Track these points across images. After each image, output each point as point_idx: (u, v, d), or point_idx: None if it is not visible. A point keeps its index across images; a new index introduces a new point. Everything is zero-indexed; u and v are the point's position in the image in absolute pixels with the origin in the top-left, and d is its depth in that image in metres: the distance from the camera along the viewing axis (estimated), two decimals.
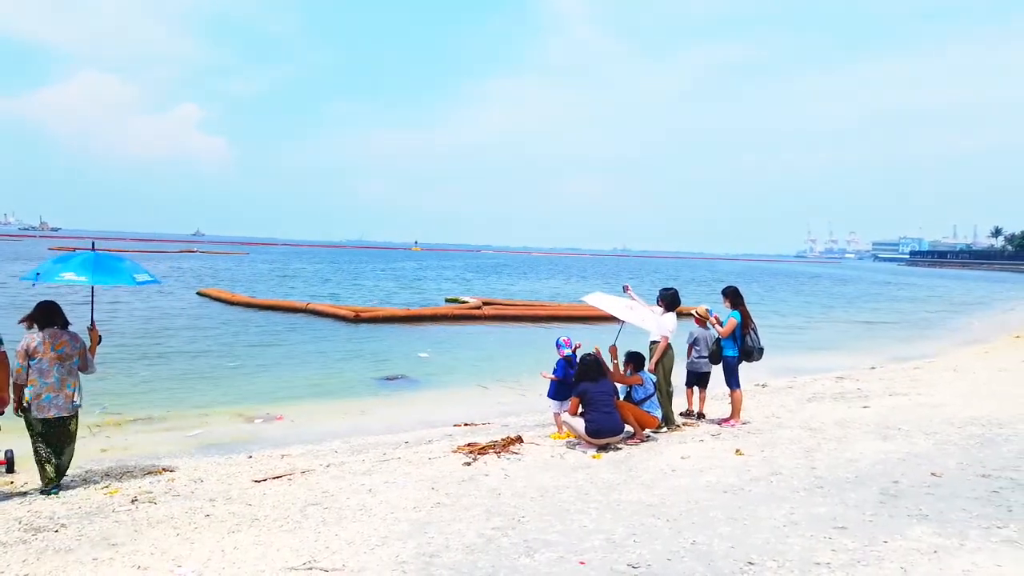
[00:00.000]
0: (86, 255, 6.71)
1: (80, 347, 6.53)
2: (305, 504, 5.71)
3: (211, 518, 5.35)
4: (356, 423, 10.29)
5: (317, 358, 16.64)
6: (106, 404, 10.61)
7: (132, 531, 5.04)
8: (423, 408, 11.38)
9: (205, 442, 9.10)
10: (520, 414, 10.69)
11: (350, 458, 7.60)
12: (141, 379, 13.09)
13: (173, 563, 4.42)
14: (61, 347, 6.37)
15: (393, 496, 5.93)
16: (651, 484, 6.30)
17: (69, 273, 6.41)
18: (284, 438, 9.28)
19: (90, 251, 6.83)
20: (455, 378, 14.38)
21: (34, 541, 4.84)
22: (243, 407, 11.31)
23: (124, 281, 6.74)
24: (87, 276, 6.43)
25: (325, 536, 4.95)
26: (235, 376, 14.27)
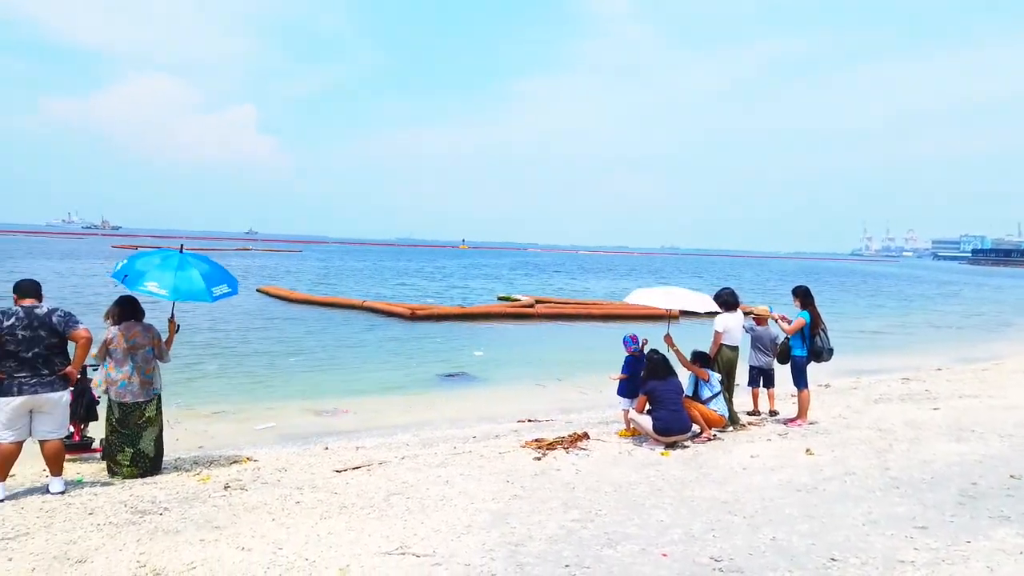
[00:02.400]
0: (174, 261, 6.78)
1: (153, 337, 6.86)
2: (388, 494, 5.94)
3: (301, 505, 5.62)
4: (422, 418, 10.55)
5: (377, 354, 17.03)
6: (180, 398, 11.09)
7: (231, 515, 5.33)
8: (485, 404, 11.59)
9: (280, 433, 9.47)
10: (581, 411, 10.81)
11: (422, 451, 7.84)
12: (210, 373, 13.59)
13: (274, 545, 4.68)
14: (133, 338, 6.73)
15: (471, 488, 6.12)
16: (723, 481, 6.36)
17: (152, 283, 6.50)
18: (355, 431, 9.58)
19: (180, 254, 6.96)
20: (513, 375, 14.57)
21: (143, 523, 5.17)
22: (309, 401, 11.68)
23: (201, 298, 6.67)
24: (167, 291, 6.49)
25: (412, 524, 5.16)
26: (298, 371, 14.71)
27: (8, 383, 5.81)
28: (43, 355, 5.93)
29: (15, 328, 5.81)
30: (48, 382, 5.97)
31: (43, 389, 5.94)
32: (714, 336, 8.63)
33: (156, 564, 4.33)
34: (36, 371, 5.90)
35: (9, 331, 5.78)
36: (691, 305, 8.28)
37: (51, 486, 6.11)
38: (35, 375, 5.90)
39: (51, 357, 5.99)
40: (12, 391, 5.82)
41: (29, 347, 5.85)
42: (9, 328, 5.79)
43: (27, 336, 5.85)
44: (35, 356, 5.88)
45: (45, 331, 5.93)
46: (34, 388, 5.89)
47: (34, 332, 5.88)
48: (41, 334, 5.91)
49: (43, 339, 5.92)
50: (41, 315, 5.94)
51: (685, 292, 8.62)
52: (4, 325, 5.78)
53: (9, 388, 5.81)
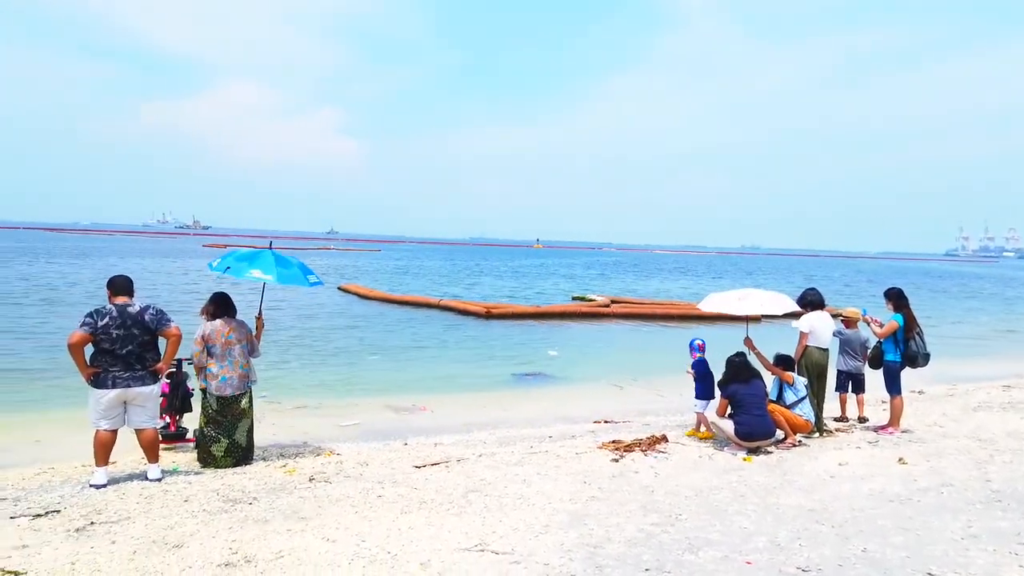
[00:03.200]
0: (269, 253, 7.27)
1: (247, 332, 7.18)
2: (466, 491, 5.99)
3: (383, 499, 5.73)
4: (498, 416, 10.61)
5: (454, 353, 17.23)
6: (267, 393, 11.49)
7: (316, 507, 5.48)
8: (561, 404, 11.56)
9: (361, 429, 9.69)
10: (659, 414, 10.64)
11: (499, 449, 7.88)
12: (294, 370, 14.02)
13: (357, 537, 4.79)
14: (230, 333, 7.03)
15: (548, 487, 6.11)
16: (810, 489, 6.15)
17: (256, 271, 7.00)
18: (434, 427, 9.72)
19: (270, 250, 7.44)
20: (589, 375, 14.49)
21: (234, 511, 5.38)
22: (389, 397, 11.92)
23: (299, 282, 7.26)
24: (272, 275, 7.00)
25: (490, 521, 5.19)
26: (377, 368, 15.04)
27: (103, 377, 6.13)
28: (136, 352, 6.22)
29: (109, 327, 6.10)
30: (140, 377, 6.26)
31: (135, 383, 6.24)
32: (799, 337, 8.35)
33: (247, 551, 4.50)
34: (129, 366, 6.20)
35: (104, 330, 6.09)
36: (768, 308, 8.00)
37: (149, 473, 6.44)
38: (128, 370, 6.19)
39: (143, 353, 6.28)
40: (107, 384, 6.14)
41: (123, 344, 6.15)
42: (104, 327, 6.09)
43: (121, 334, 6.13)
44: (128, 353, 6.18)
45: (138, 329, 6.21)
46: (127, 382, 6.19)
47: (127, 330, 6.16)
48: (134, 332, 6.19)
49: (136, 337, 6.20)
50: (133, 313, 6.22)
51: (761, 294, 8.34)
52: (99, 324, 6.08)
53: (104, 381, 6.14)
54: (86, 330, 6.03)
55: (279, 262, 7.20)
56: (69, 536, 4.80)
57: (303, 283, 7.32)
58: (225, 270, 7.14)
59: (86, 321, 6.07)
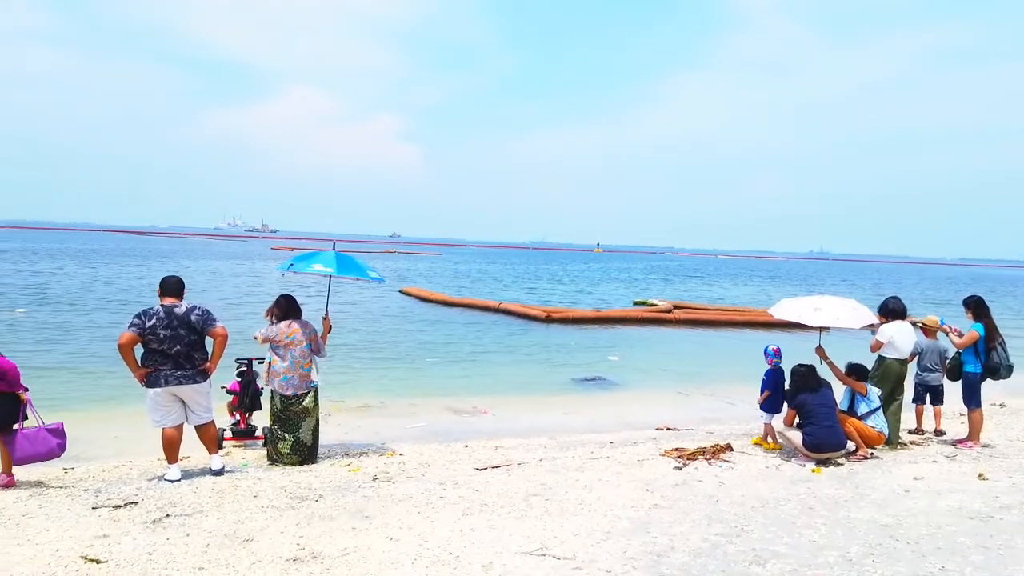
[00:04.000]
0: (331, 252, 7.63)
1: (311, 333, 7.35)
2: (527, 494, 5.99)
3: (445, 500, 5.78)
4: (559, 420, 10.58)
5: (514, 356, 17.27)
6: (332, 393, 11.73)
7: (380, 506, 5.57)
8: (622, 410, 11.45)
9: (423, 430, 9.80)
10: (724, 422, 10.43)
11: (560, 454, 7.85)
12: (356, 370, 14.27)
13: (420, 537, 4.84)
14: (294, 334, 7.20)
15: (609, 494, 6.05)
16: (883, 503, 5.92)
17: (318, 264, 7.38)
18: (494, 430, 9.75)
19: (332, 250, 7.73)
20: (650, 382, 14.32)
21: (301, 508, 5.51)
22: (449, 399, 12.02)
23: (361, 275, 7.60)
24: (333, 268, 7.32)
25: (551, 526, 5.17)
26: (438, 370, 15.20)
27: (155, 376, 6.36)
28: (184, 352, 6.42)
29: (156, 328, 6.30)
30: (190, 375, 6.47)
31: (186, 382, 6.45)
32: (874, 344, 8.05)
33: (314, 547, 4.60)
34: (179, 365, 6.41)
35: (151, 331, 6.29)
36: (845, 321, 7.52)
37: (212, 464, 6.68)
38: (178, 369, 6.41)
39: (191, 353, 6.47)
40: (159, 383, 6.36)
41: (172, 344, 6.34)
42: (151, 328, 6.29)
43: (168, 335, 6.32)
44: (177, 353, 6.38)
45: (184, 329, 6.40)
46: (178, 380, 6.41)
47: (174, 331, 6.35)
48: (181, 332, 6.38)
49: (183, 337, 6.39)
50: (180, 314, 6.41)
51: (838, 305, 7.79)
52: (147, 325, 6.29)
53: (156, 380, 6.36)
54: (134, 331, 6.24)
55: (340, 259, 7.51)
56: (146, 527, 5.00)
57: (364, 275, 7.59)
58: (289, 267, 7.48)
59: (134, 322, 6.29)
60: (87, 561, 4.31)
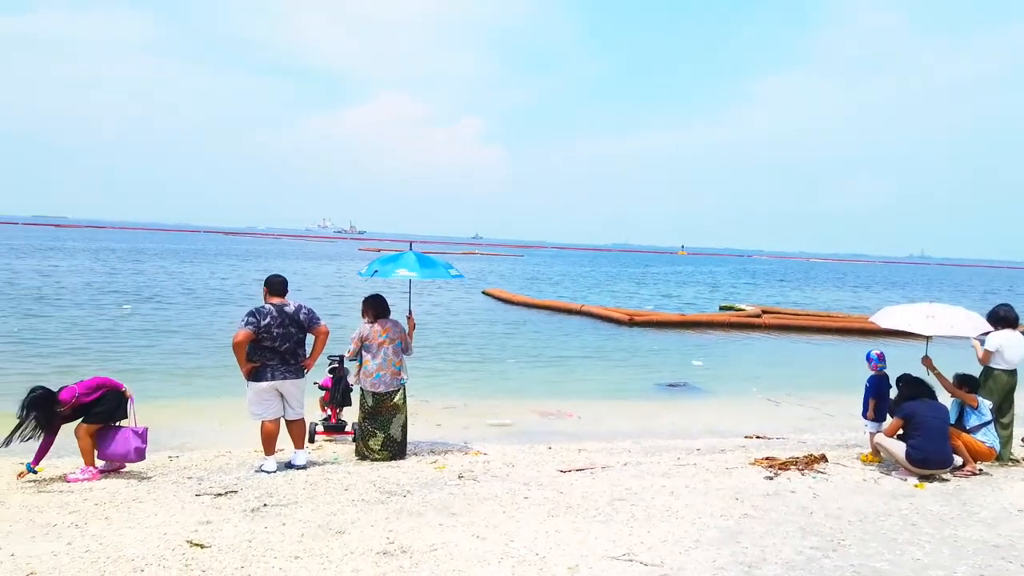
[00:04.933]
0: (411, 254, 7.79)
1: (401, 331, 7.53)
2: (612, 499, 5.93)
3: (529, 501, 5.79)
4: (642, 426, 10.43)
5: (596, 359, 17.16)
6: (417, 392, 11.95)
7: (466, 504, 5.64)
8: (708, 416, 11.19)
9: (506, 431, 9.87)
10: (817, 431, 10.04)
11: (645, 459, 7.74)
12: (441, 370, 14.45)
13: (506, 537, 4.87)
14: (386, 333, 7.38)
15: (697, 501, 5.93)
16: (993, 522, 5.57)
17: (402, 269, 7.56)
18: (577, 433, 9.71)
19: (411, 251, 7.92)
20: (738, 388, 13.94)
21: (389, 502, 5.64)
22: (532, 400, 12.05)
23: (441, 275, 7.78)
24: (415, 272, 7.51)
25: (637, 531, 5.10)
26: (521, 371, 15.26)
27: (262, 370, 6.65)
28: (291, 348, 6.73)
29: (271, 327, 6.59)
30: (293, 370, 6.78)
31: (290, 376, 6.75)
32: (982, 354, 7.58)
33: (403, 542, 4.69)
34: (284, 361, 6.71)
35: (266, 329, 6.58)
36: (961, 328, 7.09)
37: (294, 459, 6.91)
38: (283, 364, 6.70)
39: (296, 349, 6.79)
40: (266, 377, 6.65)
41: (282, 342, 6.64)
42: (266, 327, 6.58)
43: (280, 333, 6.63)
44: (285, 350, 6.68)
45: (294, 327, 6.72)
46: (283, 375, 6.70)
47: (285, 329, 6.66)
48: (292, 330, 6.70)
49: (293, 335, 6.71)
50: (291, 313, 6.71)
51: (953, 312, 7.29)
52: (262, 324, 6.57)
53: (263, 374, 6.65)
54: (250, 329, 6.53)
55: (420, 261, 7.67)
56: (245, 516, 5.23)
57: (445, 276, 7.77)
58: (373, 274, 7.71)
59: (249, 321, 6.57)
60: (192, 545, 4.54)
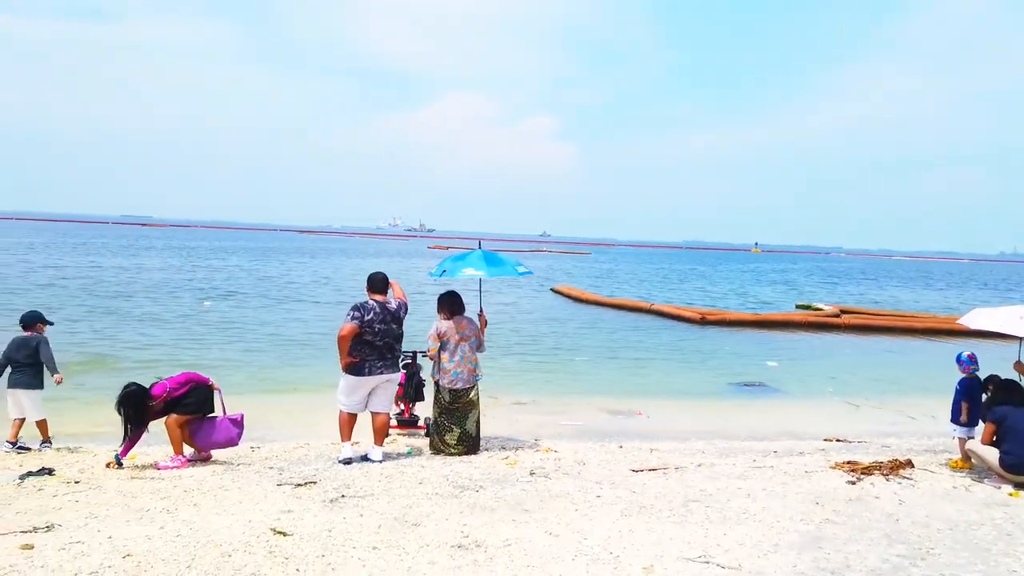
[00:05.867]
0: (477, 252, 7.92)
1: (476, 329, 7.61)
2: (686, 499, 5.84)
3: (602, 499, 5.76)
4: (716, 426, 10.23)
5: (667, 358, 16.95)
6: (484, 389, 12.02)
7: (538, 500, 5.65)
8: (785, 418, 10.90)
9: (577, 429, 9.85)
10: (902, 436, 9.64)
11: (719, 460, 7.59)
12: (509, 367, 14.47)
13: (579, 535, 4.85)
14: (463, 330, 7.47)
15: (775, 505, 5.77)
16: None
17: (469, 269, 7.71)
18: (648, 432, 9.59)
19: (479, 250, 8.05)
20: (816, 390, 13.54)
21: (463, 497, 5.70)
22: (601, 399, 12.00)
23: (509, 273, 7.89)
24: (483, 271, 7.64)
25: (713, 534, 5.01)
26: (589, 369, 15.21)
27: (361, 365, 6.85)
28: (389, 344, 6.96)
29: (374, 322, 6.82)
30: (389, 365, 6.99)
31: (386, 371, 6.96)
32: None
33: (477, 536, 4.74)
34: (382, 356, 6.92)
35: (368, 324, 6.81)
36: None
37: (371, 454, 7.04)
38: (380, 359, 6.91)
39: (394, 344, 7.01)
40: (364, 372, 6.85)
41: (382, 337, 6.87)
42: (369, 321, 6.81)
43: (382, 328, 6.86)
44: (384, 344, 6.90)
45: (395, 324, 6.97)
46: (380, 370, 6.91)
47: (387, 325, 6.89)
48: (392, 327, 6.94)
49: (393, 331, 6.95)
50: (392, 309, 6.95)
51: None
52: (365, 319, 6.80)
53: (362, 369, 6.85)
54: (355, 323, 6.76)
55: (488, 259, 7.76)
56: (325, 506, 5.37)
57: (512, 273, 7.88)
58: (442, 274, 7.82)
59: (354, 315, 6.80)
60: (275, 533, 4.69)
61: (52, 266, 35.78)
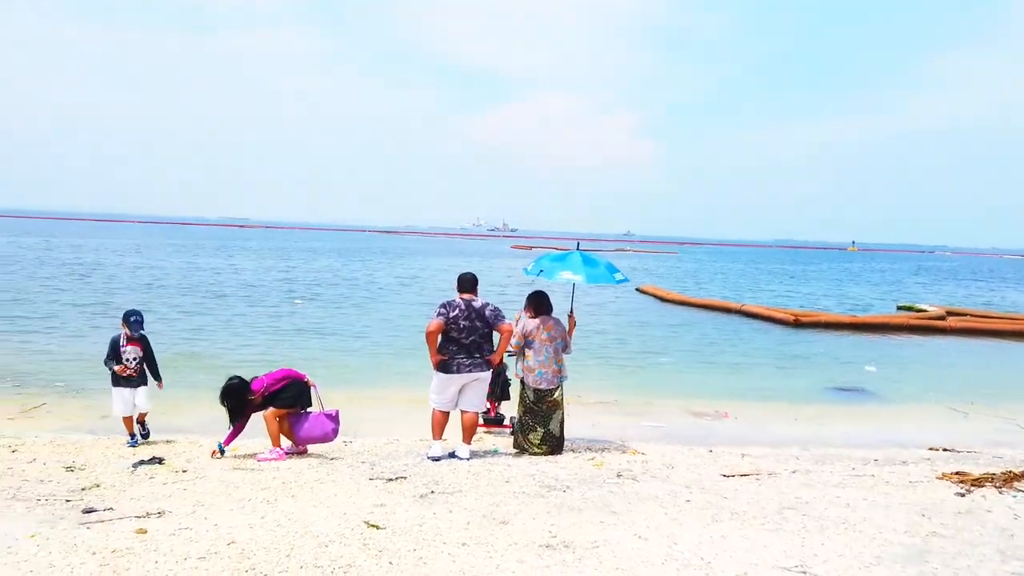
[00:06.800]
0: (576, 254, 7.85)
1: (562, 330, 7.58)
2: (780, 507, 5.65)
3: (691, 504, 5.65)
4: (811, 432, 9.87)
5: (758, 360, 16.46)
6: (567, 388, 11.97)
7: (625, 503, 5.59)
8: (886, 425, 10.41)
9: (662, 430, 9.69)
10: (1016, 446, 9.03)
11: (815, 467, 7.31)
12: (593, 366, 14.36)
13: (668, 539, 4.77)
14: (549, 330, 7.47)
15: (876, 516, 5.51)
16: None
17: (567, 272, 7.66)
18: (738, 437, 9.34)
19: (577, 251, 7.93)
20: (920, 396, 12.85)
21: (550, 496, 5.70)
22: (687, 401, 11.75)
23: (606, 280, 7.81)
24: (581, 276, 7.55)
25: (810, 544, 4.82)
26: (674, 370, 14.95)
27: (449, 362, 6.98)
28: (477, 342, 7.03)
29: (459, 319, 6.93)
30: (478, 364, 7.06)
31: (475, 369, 7.04)
32: None
33: (565, 536, 4.73)
34: (470, 355, 7.01)
35: (454, 321, 6.93)
36: None
37: (458, 451, 7.13)
38: (468, 357, 7.00)
39: (481, 344, 7.07)
40: (452, 369, 6.97)
41: (468, 335, 6.96)
42: (454, 318, 6.93)
43: (467, 326, 6.95)
44: (471, 343, 6.99)
45: (480, 322, 7.01)
46: (468, 368, 7.01)
47: (472, 323, 6.97)
48: (477, 324, 6.99)
49: (478, 329, 7.00)
50: (478, 308, 7.01)
51: None
52: (451, 315, 6.93)
53: (450, 367, 6.97)
54: (441, 320, 6.91)
55: (587, 262, 7.68)
56: (415, 501, 5.49)
57: (610, 281, 7.76)
58: (539, 273, 7.79)
59: (440, 312, 6.95)
60: (369, 526, 4.83)
61: (155, 266, 37.86)
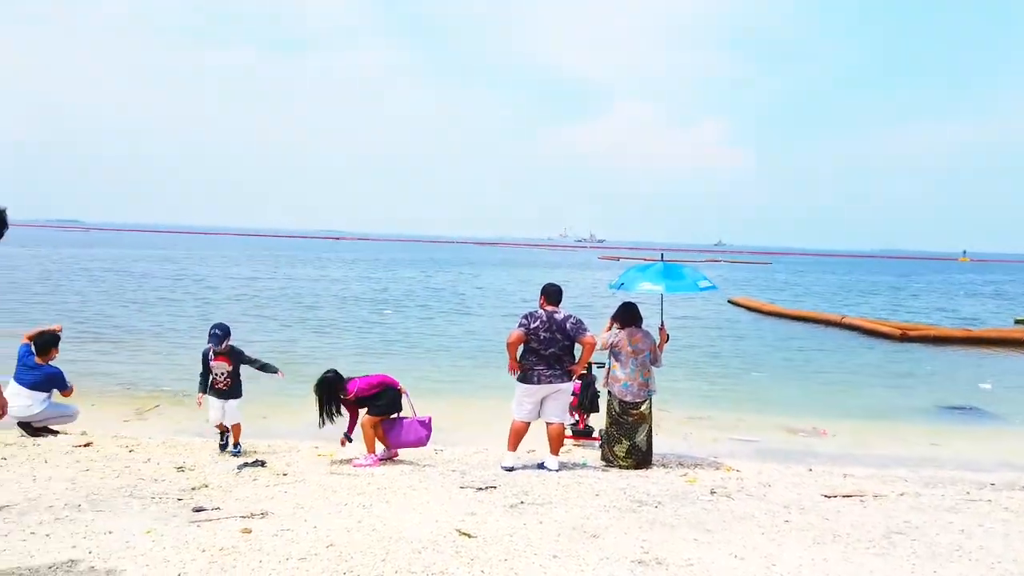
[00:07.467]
0: (657, 265, 7.82)
1: (651, 343, 7.48)
2: (887, 531, 5.37)
3: (790, 524, 5.44)
4: (919, 452, 9.34)
5: (860, 376, 15.73)
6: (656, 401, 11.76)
7: (720, 521, 5.44)
8: (1004, 446, 9.73)
9: (757, 446, 9.40)
10: None
11: (924, 490, 6.90)
12: (682, 380, 13.94)
13: (766, 560, 4.61)
14: (636, 343, 7.39)
15: (995, 544, 5.15)
16: None
17: (647, 283, 7.64)
18: (839, 456, 8.95)
19: (661, 261, 7.93)
20: None
21: (641, 511, 5.61)
22: (782, 417, 11.36)
23: (689, 289, 7.72)
24: (662, 285, 7.51)
25: (921, 571, 4.56)
26: (770, 384, 14.47)
27: (529, 373, 7.01)
28: (556, 354, 7.02)
29: (539, 330, 6.96)
30: (558, 375, 7.05)
31: (555, 380, 7.04)
32: None
33: (658, 553, 4.64)
34: (550, 366, 7.01)
35: (534, 332, 6.96)
36: None
37: (547, 463, 7.13)
38: (548, 368, 7.00)
39: (562, 356, 7.05)
40: (532, 380, 7.00)
41: (548, 346, 6.97)
42: (534, 329, 6.97)
43: (547, 337, 6.96)
44: (551, 355, 6.99)
45: (560, 334, 7.00)
46: (549, 379, 7.01)
47: (552, 334, 6.97)
48: (557, 336, 6.99)
49: (559, 341, 6.99)
50: (559, 320, 7.01)
51: None
52: (531, 326, 6.97)
53: (530, 377, 7.01)
54: (522, 330, 6.98)
55: (668, 273, 7.64)
56: (506, 511, 5.51)
57: (693, 289, 7.69)
58: (620, 286, 7.75)
59: (521, 323, 7.02)
60: (460, 534, 4.88)
61: (256, 276, 39.68)
